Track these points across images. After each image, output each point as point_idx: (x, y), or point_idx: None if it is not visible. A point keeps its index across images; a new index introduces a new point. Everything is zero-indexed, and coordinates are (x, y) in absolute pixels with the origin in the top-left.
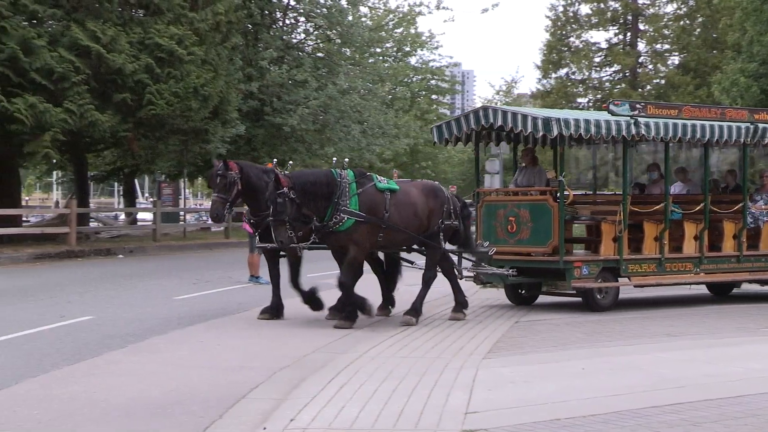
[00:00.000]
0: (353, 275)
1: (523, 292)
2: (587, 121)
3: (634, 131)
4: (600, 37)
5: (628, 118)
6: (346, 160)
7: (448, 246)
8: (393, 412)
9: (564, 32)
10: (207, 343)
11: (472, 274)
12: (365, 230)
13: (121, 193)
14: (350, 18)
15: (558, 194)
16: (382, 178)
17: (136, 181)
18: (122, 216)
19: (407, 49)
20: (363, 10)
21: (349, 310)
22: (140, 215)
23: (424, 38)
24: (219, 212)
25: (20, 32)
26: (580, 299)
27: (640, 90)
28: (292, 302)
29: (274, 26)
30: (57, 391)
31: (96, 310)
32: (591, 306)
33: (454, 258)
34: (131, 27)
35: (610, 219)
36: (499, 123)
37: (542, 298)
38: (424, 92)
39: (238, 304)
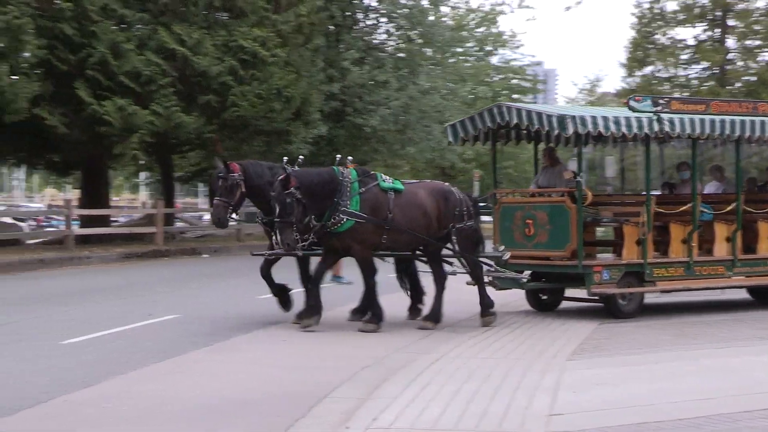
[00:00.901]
0: (372, 274)
1: (545, 297)
2: (605, 119)
3: (657, 128)
4: (687, 33)
5: (651, 114)
6: (350, 158)
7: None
8: (475, 413)
9: (650, 29)
10: (290, 342)
11: (487, 279)
12: (368, 230)
13: (206, 193)
14: (431, 18)
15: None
16: (387, 178)
17: None
18: (207, 216)
19: (489, 48)
20: (444, 9)
21: (374, 312)
22: None
23: (505, 37)
24: (221, 217)
25: (110, 36)
26: (602, 305)
27: (728, 87)
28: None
29: (356, 27)
30: (143, 388)
31: (181, 309)
32: (613, 313)
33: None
34: (216, 30)
35: (633, 221)
36: (515, 121)
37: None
38: (505, 92)
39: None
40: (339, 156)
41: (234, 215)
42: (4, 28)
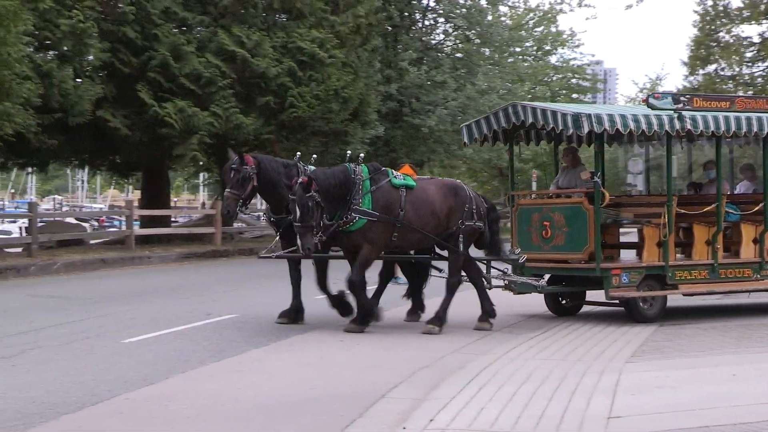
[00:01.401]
0: (364, 274)
1: (565, 302)
2: (623, 117)
3: (678, 126)
4: (752, 31)
5: (671, 112)
6: (362, 155)
7: (477, 252)
8: (533, 414)
9: (713, 27)
10: (346, 342)
11: (502, 283)
12: (379, 229)
13: None
14: (489, 18)
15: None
16: (398, 174)
17: None
18: (264, 217)
19: (547, 47)
20: (503, 9)
21: (361, 314)
22: None
23: (564, 36)
24: (231, 209)
25: (171, 39)
26: (623, 309)
27: None
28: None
29: (414, 28)
30: (203, 387)
31: (239, 309)
32: (634, 317)
33: (482, 265)
34: (275, 31)
35: (654, 222)
36: (530, 120)
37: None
38: (564, 91)
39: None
40: (349, 152)
41: (244, 208)
42: (69, 32)
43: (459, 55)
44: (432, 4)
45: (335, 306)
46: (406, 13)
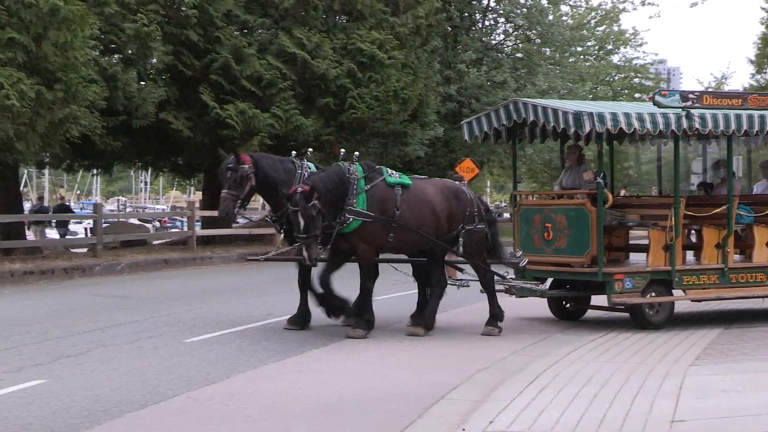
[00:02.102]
0: (371, 277)
1: (569, 305)
2: (627, 115)
3: (685, 125)
4: None
5: (679, 110)
6: (356, 153)
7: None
8: (594, 418)
9: None
10: (406, 343)
11: (503, 287)
12: (374, 230)
13: None
14: (550, 17)
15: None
16: (393, 172)
17: None
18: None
19: (609, 47)
20: (564, 8)
21: (366, 318)
22: None
23: (627, 35)
24: (229, 210)
25: (232, 41)
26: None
27: None
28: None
29: (474, 28)
30: (264, 386)
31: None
32: (641, 323)
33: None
34: (335, 33)
35: (661, 224)
36: (531, 118)
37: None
38: (626, 91)
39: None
40: (343, 150)
41: (242, 209)
42: (133, 36)
43: (519, 55)
44: (492, 4)
45: (321, 305)
46: (466, 14)
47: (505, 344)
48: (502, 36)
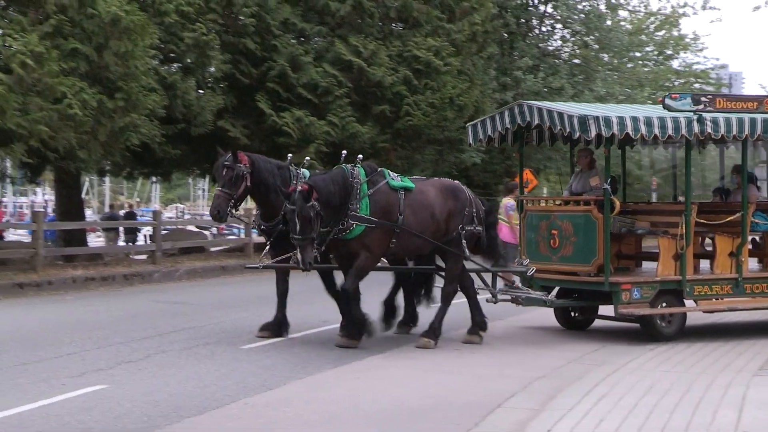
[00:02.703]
0: (358, 285)
1: (576, 314)
2: (635, 119)
3: (697, 129)
4: None
5: (690, 114)
6: (360, 156)
7: (478, 263)
8: (655, 427)
9: None
10: (463, 351)
11: (509, 297)
12: (378, 235)
13: None
14: (609, 23)
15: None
16: (395, 175)
17: None
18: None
19: (669, 52)
20: (622, 14)
21: (351, 328)
22: None
23: (687, 40)
24: (221, 209)
25: (289, 50)
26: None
27: None
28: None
29: (530, 34)
30: (321, 393)
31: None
32: (652, 335)
33: (484, 275)
34: (390, 41)
35: (672, 232)
36: (536, 121)
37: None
38: None
39: (489, 314)
40: (345, 152)
41: (234, 210)
42: (192, 45)
43: (577, 61)
44: (549, 10)
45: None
46: (523, 20)
47: (562, 353)
48: (559, 42)
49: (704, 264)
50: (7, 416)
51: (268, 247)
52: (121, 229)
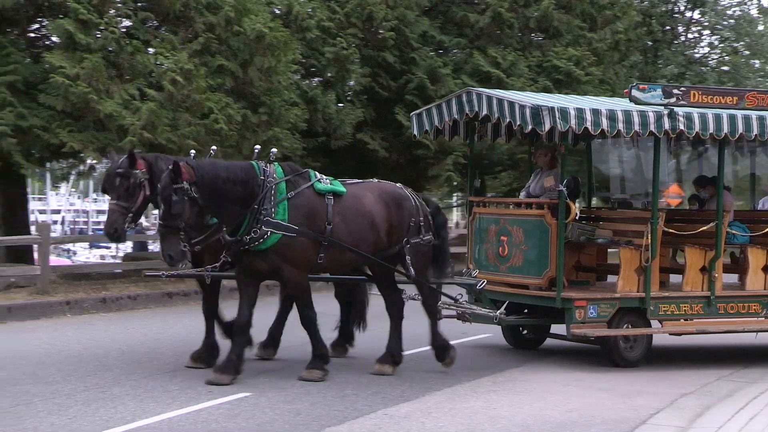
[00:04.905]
0: (308, 304)
1: (526, 332)
2: (596, 112)
3: (668, 125)
4: None
5: (661, 108)
6: (274, 150)
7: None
8: None
9: None
10: (603, 365)
11: (454, 312)
12: (300, 247)
13: None
14: (761, 27)
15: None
16: (324, 177)
17: None
18: None
19: None
20: None
21: (319, 354)
22: None
23: None
24: (118, 226)
25: (428, 62)
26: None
27: None
28: None
29: (676, 42)
30: (459, 405)
31: (494, 329)
32: (613, 359)
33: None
34: (530, 51)
35: (636, 242)
36: (484, 112)
37: None
38: None
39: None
40: (258, 147)
41: (134, 224)
42: (332, 59)
43: (725, 68)
44: (696, 16)
45: (228, 336)
46: (668, 27)
47: (708, 369)
48: (706, 49)
49: (677, 279)
50: (158, 421)
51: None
52: None
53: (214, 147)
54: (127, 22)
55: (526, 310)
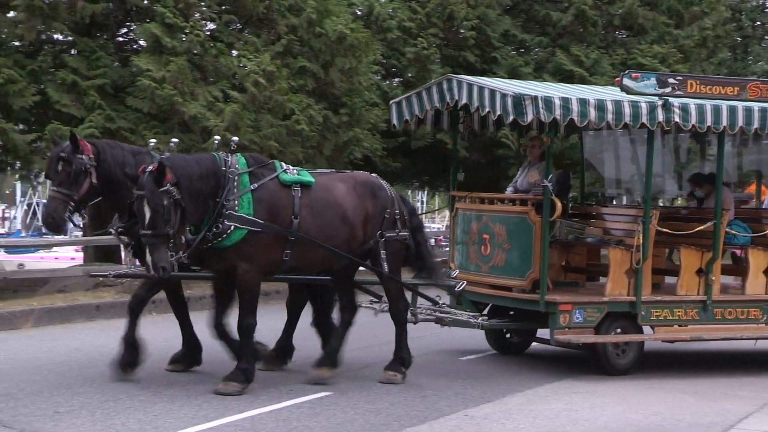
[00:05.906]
0: (252, 309)
1: (510, 336)
2: (583, 102)
3: (661, 117)
4: None
5: (655, 98)
6: (235, 139)
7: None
8: None
9: None
10: (687, 367)
11: (431, 317)
12: (263, 243)
13: None
14: None
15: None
16: (289, 167)
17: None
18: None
19: None
20: None
21: (243, 367)
22: None
23: None
24: (57, 216)
25: (509, 61)
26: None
27: None
28: None
29: (766, 37)
30: (540, 407)
31: None
32: (602, 367)
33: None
34: (614, 49)
35: (628, 242)
36: (464, 100)
37: None
38: None
39: None
40: (218, 138)
41: (77, 216)
42: (413, 59)
43: None
44: None
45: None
46: (759, 22)
47: None
48: None
49: (675, 281)
50: (241, 419)
51: (131, 253)
52: None
53: (174, 140)
54: (211, 25)
55: (512, 312)
